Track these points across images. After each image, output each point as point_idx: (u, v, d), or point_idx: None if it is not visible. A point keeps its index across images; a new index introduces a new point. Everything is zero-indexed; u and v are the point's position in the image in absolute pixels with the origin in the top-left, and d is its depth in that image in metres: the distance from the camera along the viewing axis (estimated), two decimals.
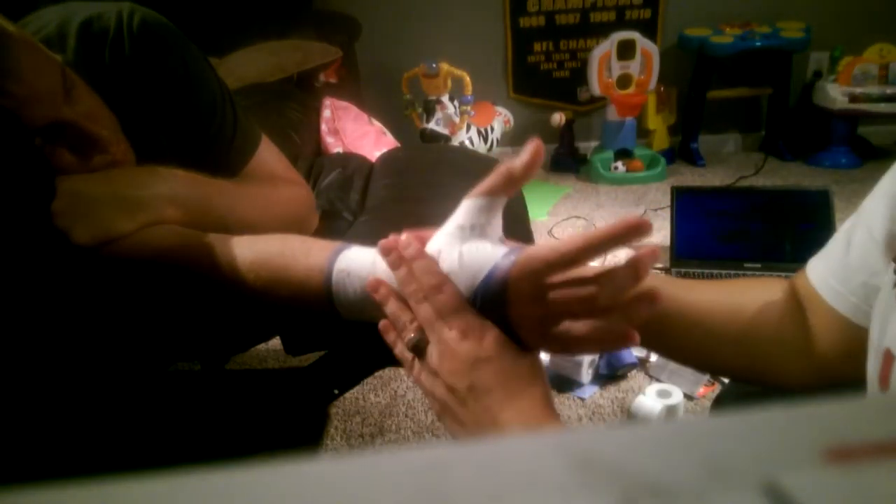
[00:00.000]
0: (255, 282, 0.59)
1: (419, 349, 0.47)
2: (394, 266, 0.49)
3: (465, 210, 0.48)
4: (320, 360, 0.85)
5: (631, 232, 0.40)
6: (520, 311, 0.45)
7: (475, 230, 0.48)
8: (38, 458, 0.58)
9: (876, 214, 0.49)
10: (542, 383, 0.47)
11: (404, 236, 0.49)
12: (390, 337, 0.50)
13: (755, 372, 0.55)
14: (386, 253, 0.49)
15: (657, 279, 0.56)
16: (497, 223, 0.49)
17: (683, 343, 0.56)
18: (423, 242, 0.49)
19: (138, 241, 0.62)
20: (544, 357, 1.50)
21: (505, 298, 0.45)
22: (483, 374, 0.44)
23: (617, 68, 2.58)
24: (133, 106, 0.68)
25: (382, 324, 0.51)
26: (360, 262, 0.54)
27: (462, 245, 0.47)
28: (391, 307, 0.49)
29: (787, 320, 0.54)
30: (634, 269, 0.41)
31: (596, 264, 0.50)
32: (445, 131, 2.52)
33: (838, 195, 2.24)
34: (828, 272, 0.52)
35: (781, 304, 0.55)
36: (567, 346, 0.45)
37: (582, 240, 0.42)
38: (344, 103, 2.11)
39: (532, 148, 0.45)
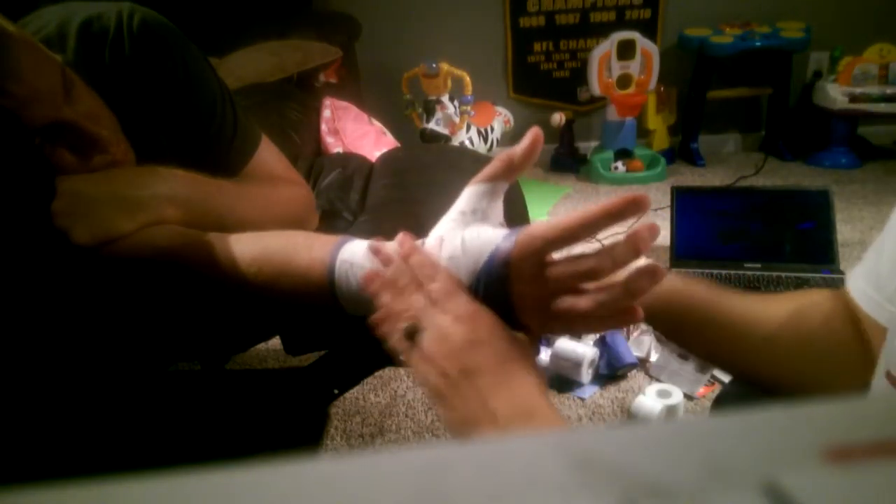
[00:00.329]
0: (256, 277, 0.59)
1: (412, 336, 0.47)
2: (386, 264, 0.50)
3: (467, 196, 0.50)
4: (320, 360, 0.85)
5: (629, 207, 0.41)
6: (523, 290, 0.46)
7: (476, 215, 0.49)
8: (39, 458, 0.58)
9: None
10: (536, 370, 0.46)
11: (399, 236, 0.50)
12: (383, 328, 0.50)
13: (812, 382, 0.53)
14: (375, 254, 0.50)
15: (699, 286, 0.56)
16: (498, 209, 0.50)
17: (735, 351, 0.55)
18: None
19: (138, 240, 0.62)
20: (544, 357, 1.50)
21: (507, 278, 0.46)
22: (475, 357, 0.44)
23: (617, 68, 2.58)
24: (133, 106, 0.68)
25: (374, 317, 0.50)
26: (362, 254, 0.54)
27: (464, 230, 0.49)
28: (385, 299, 0.49)
29: (838, 329, 0.52)
30: (633, 243, 0.41)
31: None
32: (445, 131, 2.52)
33: (838, 195, 2.24)
34: (864, 280, 0.50)
35: (828, 310, 0.53)
36: (571, 324, 0.45)
37: (581, 216, 0.42)
38: (344, 103, 2.12)
39: (531, 135, 0.47)
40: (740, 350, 0.55)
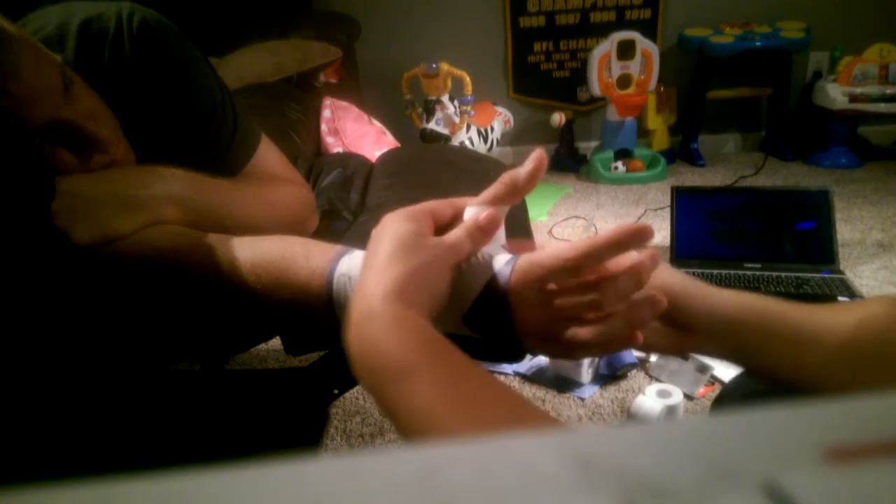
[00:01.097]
0: (255, 283, 0.59)
1: None
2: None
3: (468, 217, 0.49)
4: (320, 360, 0.85)
5: (633, 238, 0.41)
6: (523, 317, 0.45)
7: None
8: (39, 458, 0.58)
9: None
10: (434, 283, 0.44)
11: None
12: None
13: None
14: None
15: (760, 300, 0.54)
16: (500, 231, 0.49)
17: (800, 364, 0.53)
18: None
19: (138, 240, 0.62)
20: (544, 357, 1.50)
21: (507, 305, 0.45)
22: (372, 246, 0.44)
23: (617, 68, 2.58)
24: (133, 106, 0.68)
25: None
26: (359, 267, 0.54)
27: None
28: None
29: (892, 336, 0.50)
30: (636, 274, 0.42)
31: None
32: (445, 131, 2.52)
33: (838, 195, 2.25)
34: None
35: (886, 319, 0.50)
36: (571, 351, 0.45)
37: (584, 247, 0.42)
38: (344, 103, 2.12)
39: (535, 157, 0.46)
40: (805, 363, 0.53)
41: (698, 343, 0.49)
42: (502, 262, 0.46)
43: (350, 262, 0.54)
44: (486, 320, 0.47)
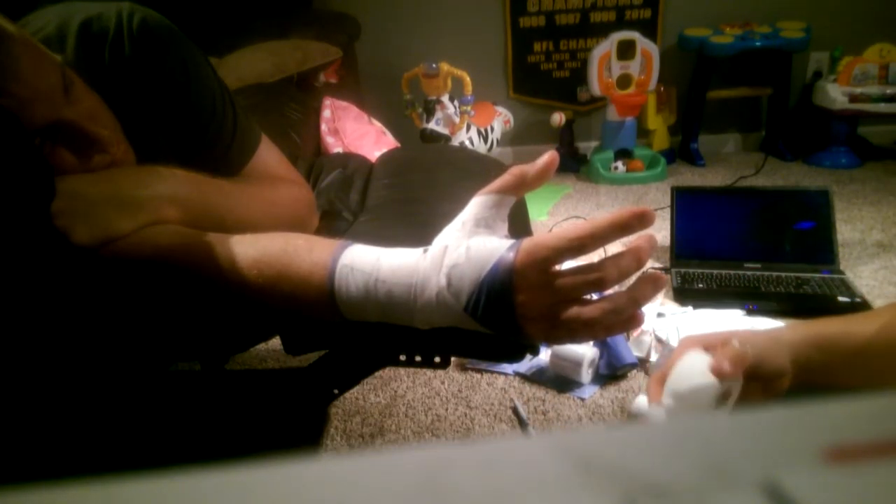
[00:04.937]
0: (257, 279, 0.59)
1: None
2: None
3: (473, 206, 0.50)
4: (320, 360, 0.85)
5: (636, 221, 0.42)
6: (526, 299, 0.46)
7: (481, 225, 0.49)
8: (39, 458, 0.58)
9: None
10: None
11: None
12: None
13: None
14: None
15: (815, 326, 0.61)
16: (503, 221, 0.50)
17: (829, 366, 0.59)
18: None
19: (138, 240, 0.62)
20: (544, 357, 1.50)
21: (511, 287, 0.46)
22: None
23: (617, 68, 2.58)
24: (133, 106, 0.68)
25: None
26: (364, 258, 0.54)
27: (469, 239, 0.49)
28: None
29: None
30: (636, 254, 0.43)
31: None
32: (445, 131, 2.52)
33: (838, 195, 2.25)
34: None
35: None
36: (575, 332, 0.45)
37: (588, 227, 0.43)
38: (344, 103, 2.12)
39: (548, 157, 0.49)
40: (833, 364, 0.58)
41: (783, 384, 0.57)
42: (506, 246, 0.47)
43: (353, 254, 0.54)
44: (488, 304, 0.47)
